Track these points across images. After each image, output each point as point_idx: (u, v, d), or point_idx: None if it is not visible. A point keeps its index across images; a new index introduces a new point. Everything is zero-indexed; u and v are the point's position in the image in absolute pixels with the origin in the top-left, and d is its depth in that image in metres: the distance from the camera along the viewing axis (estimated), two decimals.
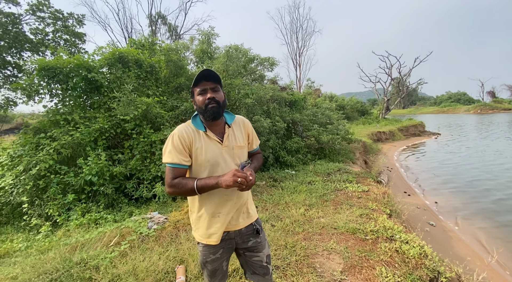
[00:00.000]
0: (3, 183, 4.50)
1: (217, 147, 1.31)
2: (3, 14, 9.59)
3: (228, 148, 1.34)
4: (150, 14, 22.30)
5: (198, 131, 1.32)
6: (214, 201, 1.32)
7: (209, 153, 1.29)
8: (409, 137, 18.30)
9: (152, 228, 3.34)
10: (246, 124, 1.48)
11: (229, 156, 1.34)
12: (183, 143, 1.26)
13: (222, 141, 1.33)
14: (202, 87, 1.27)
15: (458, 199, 6.43)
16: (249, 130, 1.48)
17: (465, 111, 53.06)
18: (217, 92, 1.29)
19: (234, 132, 1.40)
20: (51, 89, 5.11)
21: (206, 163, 1.28)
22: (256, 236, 1.45)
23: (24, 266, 2.64)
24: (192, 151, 1.28)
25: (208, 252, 1.39)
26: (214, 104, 1.26)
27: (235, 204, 1.36)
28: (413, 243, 2.80)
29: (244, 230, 1.43)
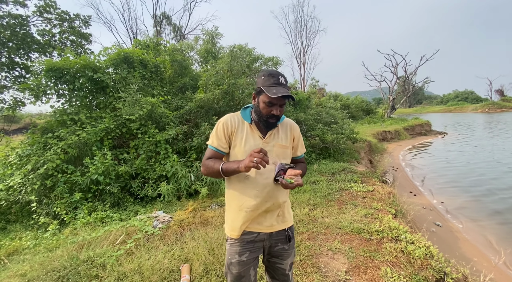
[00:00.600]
0: (12, 182, 4.59)
1: (257, 141, 1.31)
2: (11, 16, 9.76)
3: (268, 144, 1.32)
4: (155, 14, 22.46)
5: (244, 122, 1.34)
6: (243, 194, 1.31)
7: (248, 144, 1.29)
8: (415, 137, 18.09)
9: (157, 227, 3.37)
10: (294, 128, 1.45)
11: (268, 152, 1.27)
12: (225, 131, 1.30)
13: (264, 137, 1.33)
14: (274, 100, 1.22)
15: (465, 199, 6.35)
16: (295, 134, 1.45)
17: (472, 110, 52.24)
18: (283, 107, 1.28)
19: (279, 132, 1.38)
20: (58, 90, 5.19)
21: (243, 154, 1.27)
22: (285, 242, 1.40)
23: (32, 264, 2.69)
24: (232, 140, 1.31)
25: (233, 252, 1.34)
26: (274, 120, 1.28)
27: (265, 202, 1.31)
28: (418, 244, 2.78)
29: (275, 234, 1.38)
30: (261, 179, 1.29)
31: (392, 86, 28.00)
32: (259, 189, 1.29)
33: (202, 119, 5.74)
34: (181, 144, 5.38)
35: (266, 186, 1.29)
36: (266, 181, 1.29)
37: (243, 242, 1.34)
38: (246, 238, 1.34)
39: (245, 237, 1.34)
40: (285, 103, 1.27)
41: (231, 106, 5.95)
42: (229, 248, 1.37)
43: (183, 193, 4.52)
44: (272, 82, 1.22)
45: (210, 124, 5.26)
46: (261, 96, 1.26)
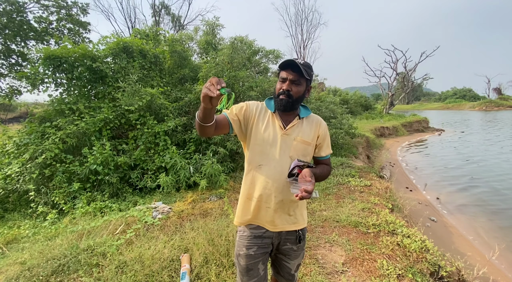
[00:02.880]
0: (10, 170, 4.56)
1: (276, 130, 1.27)
2: (8, 2, 9.54)
3: (288, 136, 1.26)
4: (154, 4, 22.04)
5: (267, 110, 1.31)
6: (254, 183, 1.28)
7: (267, 132, 1.26)
8: (413, 133, 18.19)
9: (157, 218, 3.39)
10: (322, 125, 1.37)
11: (286, 145, 1.26)
12: (246, 110, 1.27)
13: (285, 127, 1.28)
14: (285, 75, 1.22)
15: (460, 195, 6.44)
16: (321, 132, 1.35)
17: (470, 107, 52.47)
18: (297, 86, 1.22)
19: (303, 126, 1.32)
20: (56, 79, 5.12)
21: (259, 141, 1.25)
22: (295, 243, 1.35)
23: (32, 252, 2.70)
24: (253, 124, 1.27)
25: (241, 244, 1.31)
26: (284, 97, 1.22)
27: (274, 197, 1.25)
28: (414, 237, 2.83)
29: (285, 233, 1.33)
30: (274, 171, 1.24)
31: (391, 82, 27.97)
32: (270, 181, 1.24)
33: None
34: (180, 135, 5.36)
35: (279, 179, 1.24)
36: (279, 175, 1.24)
37: (251, 235, 1.31)
38: (254, 233, 1.30)
39: (254, 232, 1.30)
40: (298, 80, 1.21)
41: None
42: (238, 239, 1.35)
43: (182, 185, 4.53)
44: (286, 61, 1.22)
45: None
46: (279, 75, 1.27)
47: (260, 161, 1.25)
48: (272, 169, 1.24)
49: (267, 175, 1.25)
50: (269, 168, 1.24)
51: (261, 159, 1.26)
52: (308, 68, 1.22)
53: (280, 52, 8.18)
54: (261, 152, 1.25)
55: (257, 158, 1.26)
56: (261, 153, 1.25)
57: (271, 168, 1.24)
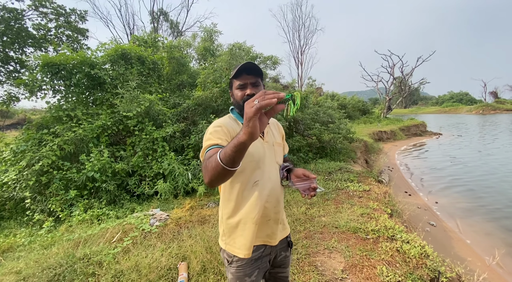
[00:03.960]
0: (6, 178, 4.53)
1: (259, 141, 1.20)
2: (6, 10, 9.59)
3: (269, 144, 1.24)
4: (152, 10, 22.23)
5: (239, 123, 1.22)
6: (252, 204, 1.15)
7: (252, 146, 1.12)
8: (411, 137, 18.25)
9: (154, 225, 3.36)
10: (280, 125, 1.41)
11: (270, 153, 1.23)
12: (227, 129, 1.14)
13: (263, 135, 1.23)
14: (242, 81, 1.16)
15: (459, 199, 6.43)
16: (282, 132, 1.40)
17: (467, 111, 52.83)
18: (257, 87, 1.17)
19: (272, 129, 1.31)
20: (54, 85, 5.13)
21: (249, 158, 1.13)
22: (287, 250, 1.32)
23: (27, 261, 2.66)
24: None
25: (242, 274, 1.18)
26: None
27: (273, 207, 1.20)
28: (414, 243, 2.81)
29: (279, 244, 1.27)
30: (270, 183, 1.19)
31: (389, 86, 28.16)
32: (270, 194, 1.18)
33: (199, 117, 5.72)
34: (179, 141, 5.35)
35: (275, 188, 1.21)
36: (275, 185, 1.20)
37: (251, 261, 1.18)
38: (254, 256, 1.19)
39: (254, 255, 1.19)
40: (257, 82, 1.17)
41: (229, 105, 5.94)
42: (235, 271, 1.19)
43: (180, 191, 4.51)
44: (238, 67, 1.15)
45: (208, 123, 5.24)
46: (233, 85, 1.20)
47: (255, 178, 1.16)
48: (268, 181, 1.19)
49: (265, 189, 1.18)
50: (266, 182, 1.18)
51: (256, 175, 1.16)
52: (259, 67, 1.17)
53: (278, 58, 8.25)
54: (255, 168, 1.16)
55: (251, 176, 1.16)
56: (255, 169, 1.16)
57: (267, 181, 1.19)
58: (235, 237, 1.18)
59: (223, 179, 0.89)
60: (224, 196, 1.20)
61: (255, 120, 0.72)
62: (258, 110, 0.71)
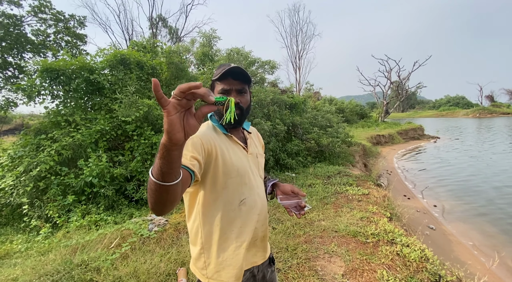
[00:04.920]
0: (3, 184, 4.49)
1: (242, 153, 1.07)
2: (5, 16, 9.63)
3: (252, 156, 1.12)
4: (151, 16, 22.41)
5: (219, 133, 1.05)
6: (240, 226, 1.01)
7: (236, 160, 1.02)
8: (408, 141, 18.34)
9: (153, 230, 3.33)
10: (260, 135, 1.31)
11: (255, 165, 1.11)
12: (205, 141, 0.93)
13: (246, 146, 1.11)
14: (226, 85, 1.01)
15: (458, 203, 6.45)
16: (262, 142, 1.29)
17: (463, 115, 53.30)
18: (243, 95, 1.03)
19: (253, 139, 1.20)
20: (52, 91, 5.12)
21: (234, 173, 0.99)
22: (271, 265, 1.19)
23: (24, 268, 2.63)
24: (215, 156, 0.95)
25: None
26: (237, 111, 1.00)
27: (261, 226, 1.08)
28: (414, 247, 2.81)
29: (264, 262, 1.14)
30: (258, 199, 1.07)
31: (386, 90, 28.39)
32: (259, 213, 1.06)
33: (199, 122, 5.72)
34: None
35: (264, 205, 1.10)
36: (262, 201, 1.09)
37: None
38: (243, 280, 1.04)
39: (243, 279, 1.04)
40: (244, 89, 1.03)
41: None
42: None
43: None
44: (221, 69, 1.02)
45: None
46: (215, 88, 1.05)
47: (241, 196, 1.01)
48: (258, 198, 1.07)
49: (255, 208, 1.05)
50: (254, 199, 1.05)
51: (242, 192, 1.02)
52: (247, 73, 1.04)
53: (276, 62, 8.31)
54: (240, 184, 1.01)
55: (236, 194, 1.00)
56: (240, 185, 1.01)
57: (256, 198, 1.06)
58: (222, 269, 0.99)
59: (163, 199, 0.67)
60: (203, 221, 0.99)
61: (171, 114, 0.56)
62: (176, 103, 0.56)
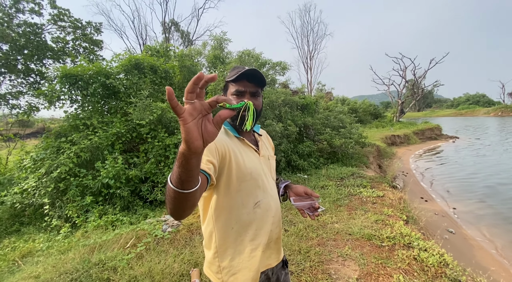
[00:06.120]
0: (26, 185, 4.70)
1: (254, 155, 1.08)
2: (27, 25, 10.11)
3: (264, 158, 1.12)
4: (164, 21, 22.91)
5: (231, 136, 1.06)
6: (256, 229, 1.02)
7: (249, 162, 1.02)
8: (425, 141, 17.76)
9: (167, 231, 3.39)
10: (269, 138, 1.31)
11: (267, 167, 1.12)
12: (218, 145, 0.93)
13: (258, 149, 1.11)
14: (240, 87, 1.01)
15: (479, 206, 6.17)
16: (272, 144, 1.30)
17: (484, 113, 51.08)
18: (256, 98, 1.04)
19: (265, 142, 1.21)
20: (71, 95, 5.33)
21: (247, 176, 0.99)
22: (284, 268, 1.20)
23: (46, 266, 2.74)
24: (229, 159, 0.95)
25: None
26: None
27: (275, 228, 1.09)
28: (432, 251, 2.71)
29: (278, 264, 1.15)
30: (272, 202, 1.08)
31: (401, 89, 27.66)
32: (274, 215, 1.08)
33: None
34: None
35: (278, 208, 1.11)
36: (276, 203, 1.10)
37: None
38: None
39: None
40: (257, 93, 1.04)
41: None
42: None
43: None
44: (237, 71, 1.02)
45: None
46: (228, 90, 1.05)
47: (255, 198, 1.02)
48: (271, 200, 1.08)
49: (269, 211, 1.06)
50: (268, 202, 1.06)
51: (256, 195, 1.03)
52: (263, 76, 1.05)
53: (287, 63, 8.28)
54: (254, 187, 1.02)
55: (250, 196, 1.01)
56: (254, 188, 1.02)
57: (270, 201, 1.07)
58: (237, 271, 1.00)
59: (182, 206, 0.68)
60: (217, 225, 1.00)
61: (187, 122, 0.54)
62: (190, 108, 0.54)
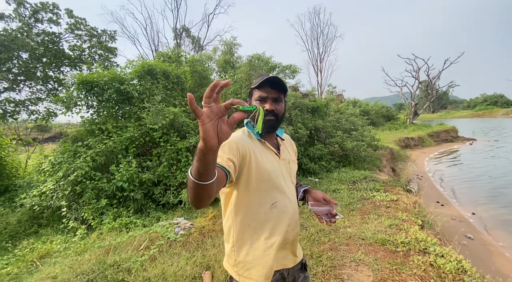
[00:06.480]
0: (45, 188, 4.88)
1: (275, 158, 1.13)
2: (45, 34, 10.60)
3: (285, 162, 1.17)
4: (175, 27, 23.42)
5: (253, 138, 1.12)
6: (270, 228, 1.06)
7: (269, 164, 1.07)
8: (441, 144, 17.26)
9: (179, 234, 3.43)
10: (293, 142, 1.35)
11: (286, 171, 1.16)
12: (240, 145, 1.01)
13: (278, 152, 1.16)
14: (263, 93, 1.09)
15: (499, 211, 5.93)
16: (295, 149, 1.35)
17: (503, 114, 49.19)
18: (279, 103, 1.12)
19: (286, 146, 1.25)
20: (88, 101, 5.52)
21: (266, 176, 1.05)
22: (303, 271, 1.22)
23: (63, 267, 2.82)
24: (249, 160, 1.02)
25: None
26: (272, 117, 1.09)
27: (292, 230, 1.12)
28: (449, 257, 2.63)
29: (295, 266, 1.18)
30: (290, 204, 1.11)
31: (414, 91, 27.06)
32: (291, 217, 1.11)
33: None
34: None
35: (296, 210, 1.14)
36: (294, 206, 1.13)
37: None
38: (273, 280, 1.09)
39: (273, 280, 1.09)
40: (279, 98, 1.12)
41: None
42: None
43: None
44: (260, 78, 1.11)
45: None
46: (253, 96, 1.14)
47: (273, 199, 1.07)
48: (288, 202, 1.11)
49: (285, 212, 1.09)
50: (285, 203, 1.10)
51: (273, 196, 1.07)
52: (284, 83, 1.12)
53: (297, 66, 8.28)
54: (271, 188, 1.07)
55: (268, 196, 1.07)
56: (271, 189, 1.07)
57: (286, 202, 1.11)
58: (252, 267, 1.06)
59: (200, 196, 0.77)
60: (236, 220, 1.07)
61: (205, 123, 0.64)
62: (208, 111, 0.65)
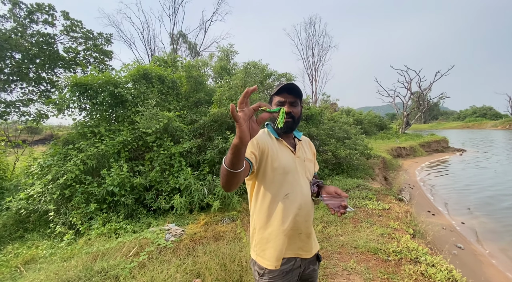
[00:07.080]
0: (32, 191, 4.75)
1: (290, 155, 1.27)
2: (40, 35, 10.49)
3: (300, 159, 1.30)
4: (172, 33, 23.51)
5: (272, 137, 1.29)
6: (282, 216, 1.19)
7: (284, 159, 1.23)
8: (432, 154, 17.55)
9: (170, 240, 3.37)
10: (312, 144, 1.48)
11: (301, 167, 1.29)
12: (260, 140, 1.19)
13: (294, 150, 1.30)
14: (282, 98, 1.25)
15: (489, 221, 6.02)
16: (314, 150, 1.46)
17: (492, 126, 50.48)
18: (295, 107, 1.27)
19: (303, 146, 1.39)
20: (80, 104, 5.44)
21: (280, 170, 1.20)
22: (315, 263, 1.34)
23: (48, 273, 2.73)
24: (266, 154, 1.19)
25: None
26: (289, 119, 1.25)
27: (304, 222, 1.24)
28: (440, 267, 2.64)
29: (309, 258, 1.30)
30: (302, 197, 1.23)
31: (406, 101, 27.63)
32: (299, 208, 1.22)
33: (215, 133, 5.83)
34: (195, 157, 5.45)
35: (307, 203, 1.25)
36: (306, 199, 1.25)
37: (282, 273, 1.20)
38: (284, 268, 1.21)
39: (284, 268, 1.21)
40: (296, 102, 1.26)
41: None
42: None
43: (196, 206, 4.53)
44: (281, 85, 1.26)
45: (223, 138, 5.33)
46: (273, 101, 1.30)
47: (286, 190, 1.21)
48: (300, 195, 1.23)
49: (296, 203, 1.21)
50: (296, 195, 1.22)
51: (286, 188, 1.21)
52: (300, 89, 1.26)
53: (292, 75, 8.38)
54: (285, 181, 1.21)
55: (282, 188, 1.21)
56: (285, 182, 1.21)
57: (298, 195, 1.22)
58: (266, 248, 1.21)
59: (231, 181, 0.95)
60: (256, 207, 1.25)
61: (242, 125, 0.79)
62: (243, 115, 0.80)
